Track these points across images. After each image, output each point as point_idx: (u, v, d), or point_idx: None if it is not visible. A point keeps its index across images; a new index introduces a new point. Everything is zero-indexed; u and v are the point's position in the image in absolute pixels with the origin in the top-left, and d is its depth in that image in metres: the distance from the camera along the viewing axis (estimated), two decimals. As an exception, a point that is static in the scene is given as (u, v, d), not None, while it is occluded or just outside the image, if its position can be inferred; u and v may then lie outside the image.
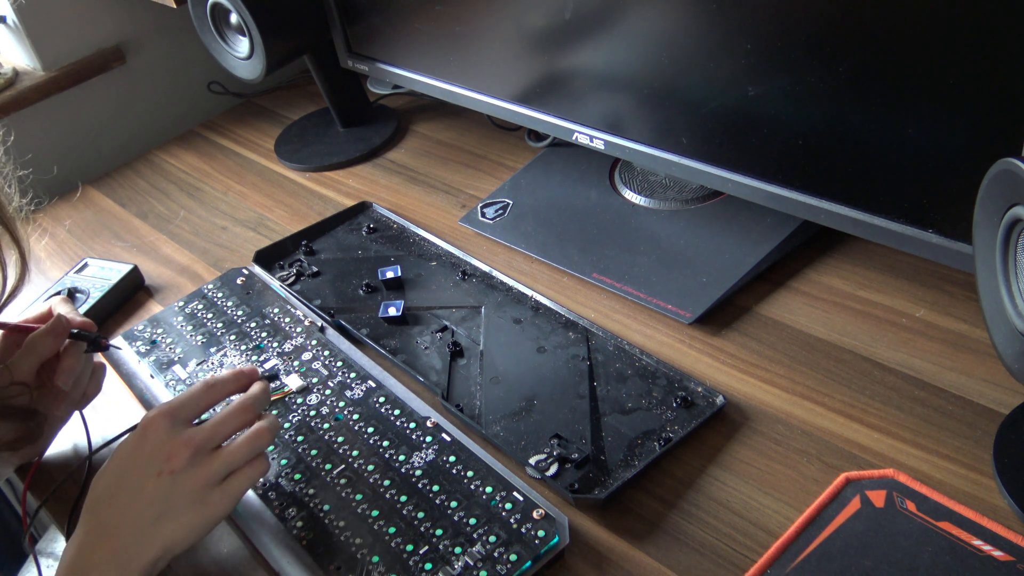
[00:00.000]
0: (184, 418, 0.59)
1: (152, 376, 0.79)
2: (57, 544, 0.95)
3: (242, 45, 1.02)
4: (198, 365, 0.79)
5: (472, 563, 0.58)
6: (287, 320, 0.83)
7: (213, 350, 0.81)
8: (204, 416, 0.63)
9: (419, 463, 0.66)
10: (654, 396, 0.69)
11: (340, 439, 0.70)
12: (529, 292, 0.82)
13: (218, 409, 0.68)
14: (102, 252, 1.02)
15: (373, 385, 0.74)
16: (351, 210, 0.98)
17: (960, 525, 0.56)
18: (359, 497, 0.64)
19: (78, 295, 0.91)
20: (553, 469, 0.65)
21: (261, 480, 0.67)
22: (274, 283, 0.88)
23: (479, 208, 0.96)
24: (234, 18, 1.00)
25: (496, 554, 0.59)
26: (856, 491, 0.59)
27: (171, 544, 0.56)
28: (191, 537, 0.57)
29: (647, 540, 0.61)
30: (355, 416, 0.71)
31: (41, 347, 0.66)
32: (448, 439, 0.68)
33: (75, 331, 0.69)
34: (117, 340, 0.84)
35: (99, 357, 0.78)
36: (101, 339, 0.71)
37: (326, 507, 0.64)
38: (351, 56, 1.07)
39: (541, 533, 0.59)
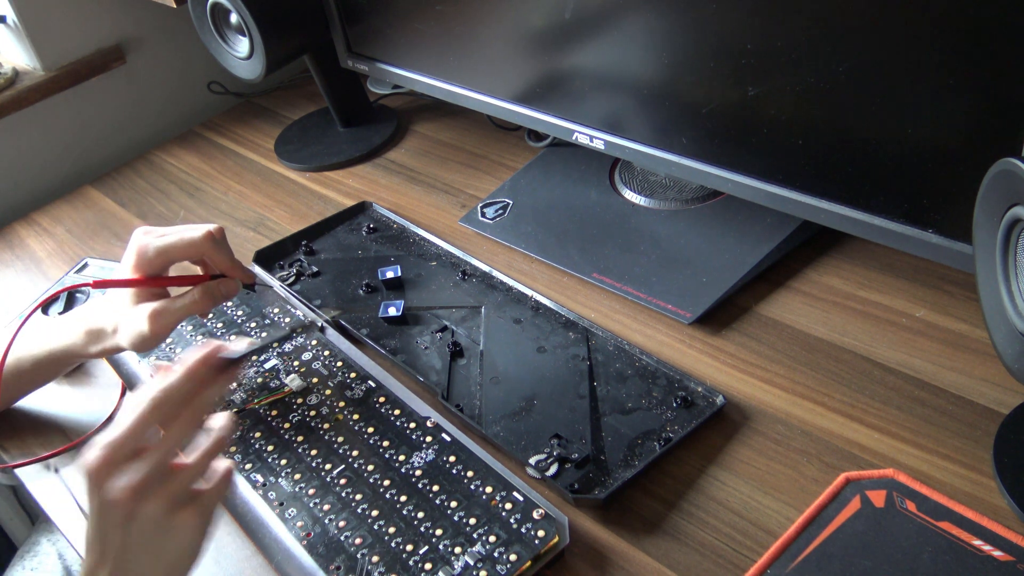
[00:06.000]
0: (125, 456, 0.51)
1: (152, 376, 0.79)
2: (40, 547, 0.94)
3: (242, 45, 1.02)
4: (198, 365, 0.79)
5: (472, 563, 0.58)
6: (287, 320, 0.83)
7: (213, 350, 0.81)
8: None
9: (419, 463, 0.66)
10: (654, 396, 0.69)
11: (340, 439, 0.70)
12: (529, 292, 0.82)
13: None
14: (102, 252, 1.02)
15: (373, 385, 0.74)
16: (351, 210, 0.98)
17: (960, 525, 0.56)
18: (359, 497, 0.64)
19: (78, 296, 0.91)
20: (553, 469, 0.65)
21: (261, 480, 0.67)
22: (274, 283, 0.88)
23: (479, 208, 0.96)
24: (234, 18, 1.00)
25: (496, 554, 0.59)
26: (856, 491, 0.59)
27: None
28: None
29: (647, 540, 0.61)
30: (355, 416, 0.71)
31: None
32: (448, 439, 0.68)
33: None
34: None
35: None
36: (254, 285, 0.76)
37: (326, 507, 0.64)
38: (351, 56, 1.07)
39: (541, 533, 0.59)
